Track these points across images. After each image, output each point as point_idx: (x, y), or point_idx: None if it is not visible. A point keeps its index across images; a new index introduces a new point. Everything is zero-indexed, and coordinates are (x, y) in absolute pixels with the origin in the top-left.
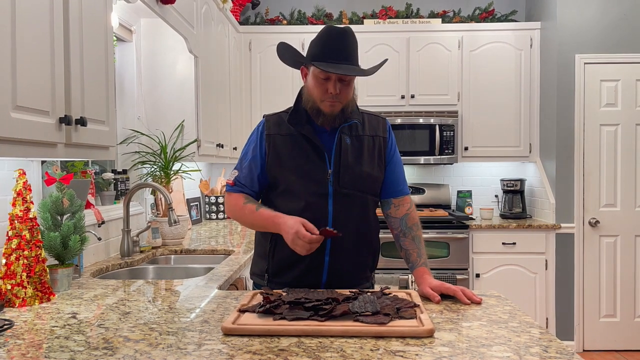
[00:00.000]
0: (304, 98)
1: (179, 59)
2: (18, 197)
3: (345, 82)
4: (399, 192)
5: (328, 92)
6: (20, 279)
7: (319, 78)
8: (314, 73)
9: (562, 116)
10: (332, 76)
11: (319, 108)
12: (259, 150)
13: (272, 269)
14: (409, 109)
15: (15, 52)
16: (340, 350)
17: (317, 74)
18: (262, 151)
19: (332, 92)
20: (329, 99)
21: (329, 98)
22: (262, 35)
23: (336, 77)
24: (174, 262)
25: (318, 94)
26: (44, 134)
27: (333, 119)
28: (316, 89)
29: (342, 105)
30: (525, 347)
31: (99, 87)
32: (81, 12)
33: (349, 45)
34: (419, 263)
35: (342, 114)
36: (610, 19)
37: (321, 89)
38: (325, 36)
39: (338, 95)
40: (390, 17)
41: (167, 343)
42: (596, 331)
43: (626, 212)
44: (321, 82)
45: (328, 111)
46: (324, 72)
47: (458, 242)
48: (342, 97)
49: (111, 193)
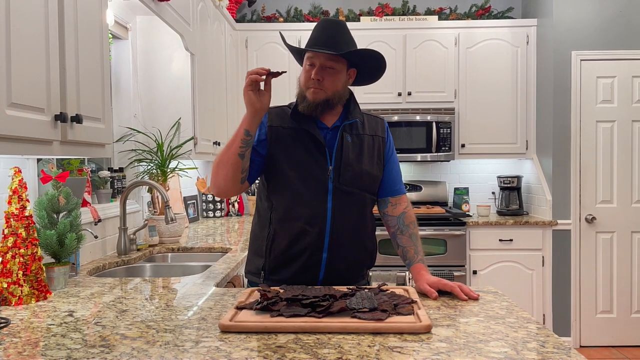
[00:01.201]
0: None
1: (175, 57)
2: (14, 195)
3: (330, 69)
4: (396, 192)
5: (311, 78)
6: (17, 277)
7: (306, 65)
8: (304, 62)
9: (559, 113)
10: (315, 62)
11: (304, 95)
12: (257, 137)
13: (269, 266)
14: (406, 106)
15: (10, 49)
16: (338, 346)
17: (305, 61)
18: (261, 137)
19: (313, 78)
20: (312, 85)
21: (312, 84)
22: (258, 33)
23: (319, 64)
24: (171, 260)
25: (304, 80)
26: (39, 131)
27: (314, 106)
28: (303, 76)
29: (326, 95)
30: (523, 343)
31: (94, 85)
32: (76, 9)
33: (340, 34)
34: (416, 260)
35: (326, 104)
36: (607, 15)
37: (306, 75)
38: (317, 26)
39: (321, 82)
40: (386, 14)
41: (164, 340)
42: (593, 327)
43: (622, 209)
44: (307, 69)
45: (311, 98)
46: (310, 59)
47: (455, 239)
48: (326, 85)
49: (108, 191)
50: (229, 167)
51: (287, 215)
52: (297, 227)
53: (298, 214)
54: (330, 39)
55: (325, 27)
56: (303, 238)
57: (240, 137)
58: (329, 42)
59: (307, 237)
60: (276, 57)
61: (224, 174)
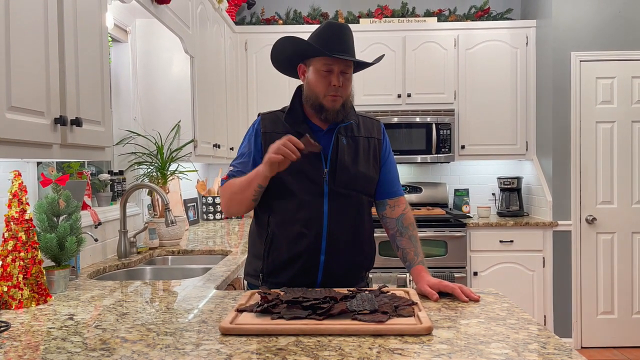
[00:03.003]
0: (304, 96)
1: (174, 59)
2: (14, 199)
3: (347, 75)
4: (393, 193)
5: (331, 84)
6: (17, 280)
7: (321, 72)
8: (316, 67)
9: (558, 114)
10: (334, 69)
11: (321, 104)
12: (253, 147)
13: (267, 269)
14: (406, 107)
15: (10, 52)
16: (339, 348)
17: (320, 67)
18: (257, 148)
19: (335, 85)
20: (332, 92)
21: (332, 91)
22: (258, 35)
23: (338, 69)
24: (171, 263)
25: (322, 88)
26: (39, 134)
27: (335, 114)
28: (319, 83)
29: (343, 100)
30: (524, 344)
31: (94, 88)
32: (75, 12)
33: (349, 39)
34: (417, 261)
35: (342, 109)
36: (605, 16)
37: (324, 82)
38: (327, 29)
39: (340, 88)
40: (386, 16)
41: (164, 343)
42: (594, 328)
43: (623, 209)
44: (324, 75)
45: (330, 106)
46: (327, 65)
47: (455, 240)
48: (344, 91)
49: (108, 194)
50: (243, 206)
51: (284, 219)
52: (295, 230)
53: (295, 217)
54: (345, 44)
55: (336, 32)
56: (300, 241)
57: (253, 188)
58: (344, 47)
59: (305, 240)
60: None
61: (236, 208)
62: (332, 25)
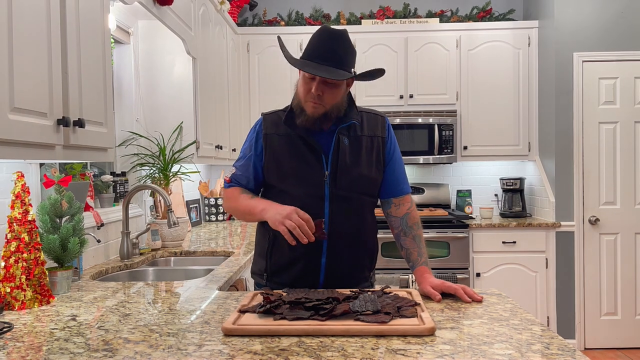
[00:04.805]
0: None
1: (176, 61)
2: (17, 200)
3: (331, 85)
4: (399, 192)
5: (310, 92)
6: (20, 281)
7: (305, 77)
8: (302, 72)
9: (561, 114)
10: (316, 77)
11: (302, 107)
12: (254, 150)
13: (271, 269)
14: (408, 108)
15: (13, 53)
16: (342, 349)
17: (304, 73)
18: (258, 150)
19: (313, 93)
20: (311, 99)
21: (311, 98)
22: (260, 37)
23: (320, 78)
24: (173, 264)
25: (302, 93)
26: (41, 135)
27: (313, 121)
28: (302, 87)
29: (325, 109)
30: (527, 345)
31: (96, 89)
32: (78, 13)
33: (339, 47)
34: (420, 262)
35: (324, 118)
36: (608, 16)
37: (305, 88)
38: (316, 36)
39: (321, 97)
40: (388, 17)
41: (167, 344)
42: (597, 329)
43: (626, 210)
44: (307, 81)
45: (310, 112)
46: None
47: (458, 241)
48: (326, 100)
49: (110, 195)
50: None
51: None
52: None
53: None
54: (330, 51)
55: (324, 39)
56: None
57: (256, 218)
58: (328, 55)
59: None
60: (278, 61)
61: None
62: (323, 32)
